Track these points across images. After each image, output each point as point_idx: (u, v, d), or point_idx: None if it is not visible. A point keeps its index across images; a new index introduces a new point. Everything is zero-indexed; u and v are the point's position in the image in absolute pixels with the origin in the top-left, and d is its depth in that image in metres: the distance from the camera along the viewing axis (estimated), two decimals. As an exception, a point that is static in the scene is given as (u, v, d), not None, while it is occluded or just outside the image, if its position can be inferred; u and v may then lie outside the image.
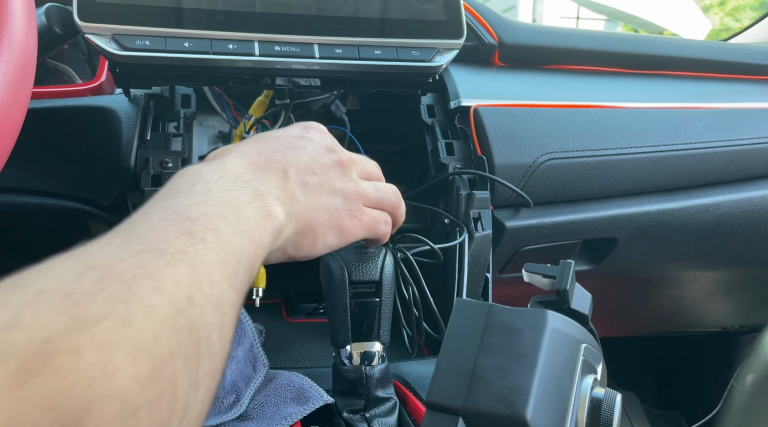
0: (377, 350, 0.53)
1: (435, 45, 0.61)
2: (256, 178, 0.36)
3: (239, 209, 0.32)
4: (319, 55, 0.57)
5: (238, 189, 0.34)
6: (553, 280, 0.39)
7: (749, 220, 0.89)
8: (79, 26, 0.53)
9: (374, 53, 0.59)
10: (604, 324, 1.06)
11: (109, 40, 0.54)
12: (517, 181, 0.72)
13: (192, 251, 0.27)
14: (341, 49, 0.58)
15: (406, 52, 0.60)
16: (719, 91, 0.95)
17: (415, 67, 0.61)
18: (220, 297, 0.27)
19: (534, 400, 0.29)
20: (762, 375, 1.14)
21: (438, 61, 0.61)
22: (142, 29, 0.54)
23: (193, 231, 0.28)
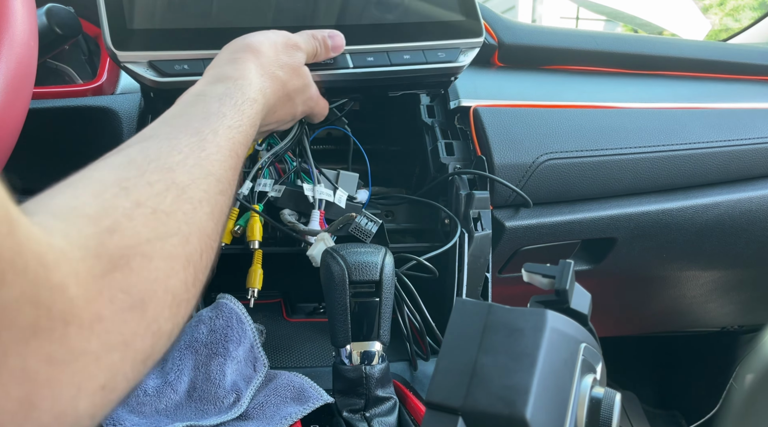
0: (377, 350, 0.53)
1: (457, 45, 0.63)
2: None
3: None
4: (353, 65, 0.58)
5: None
6: (552, 280, 0.39)
7: (748, 220, 0.89)
8: (116, 56, 0.52)
9: (404, 58, 0.60)
10: (603, 324, 1.06)
11: (146, 67, 0.53)
12: (516, 182, 0.72)
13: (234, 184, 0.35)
14: (372, 56, 0.59)
15: (433, 54, 0.61)
16: (718, 91, 0.95)
17: (442, 68, 0.62)
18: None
19: (533, 399, 0.29)
20: (761, 375, 1.14)
21: (462, 60, 0.63)
22: (179, 54, 0.54)
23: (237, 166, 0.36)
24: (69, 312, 0.20)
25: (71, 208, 0.25)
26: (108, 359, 0.21)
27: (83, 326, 0.20)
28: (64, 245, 0.22)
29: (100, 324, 0.21)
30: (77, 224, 0.24)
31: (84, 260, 0.22)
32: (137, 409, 0.50)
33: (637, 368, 1.47)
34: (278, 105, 0.50)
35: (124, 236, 0.24)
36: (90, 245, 0.23)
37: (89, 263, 0.22)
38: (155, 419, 0.50)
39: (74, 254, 0.22)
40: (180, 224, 0.27)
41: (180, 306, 0.26)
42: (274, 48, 0.50)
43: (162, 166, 0.29)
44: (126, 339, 0.22)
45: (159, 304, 0.24)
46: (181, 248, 0.27)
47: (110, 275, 0.22)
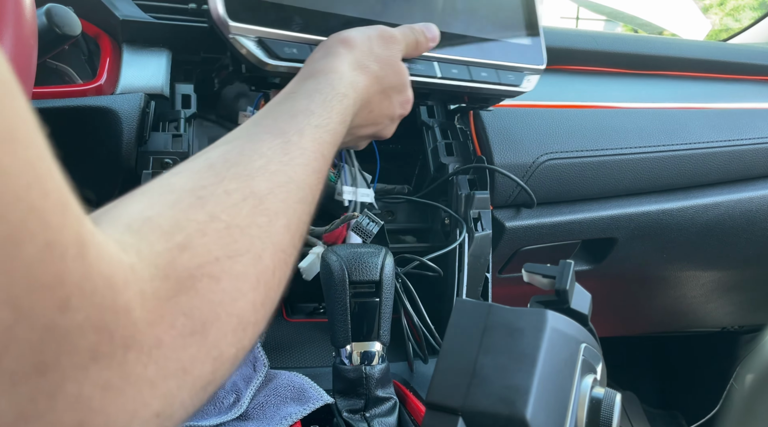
0: (377, 350, 0.53)
1: (523, 69, 0.62)
2: None
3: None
4: (440, 75, 0.57)
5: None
6: (552, 280, 0.39)
7: (749, 220, 0.89)
8: (227, 26, 0.47)
9: (481, 75, 0.59)
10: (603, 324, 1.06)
11: (256, 45, 0.49)
12: (516, 182, 0.72)
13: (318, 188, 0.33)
14: (457, 69, 0.58)
15: (505, 76, 0.61)
16: (719, 91, 0.95)
17: (507, 91, 0.62)
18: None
19: (534, 400, 0.29)
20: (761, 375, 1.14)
21: (524, 86, 0.63)
22: (290, 35, 0.50)
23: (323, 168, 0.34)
24: (131, 337, 0.19)
25: (145, 220, 0.24)
26: (164, 386, 0.20)
27: (142, 352, 0.19)
28: (136, 261, 0.21)
29: (159, 350, 0.20)
30: (149, 238, 0.23)
31: (152, 281, 0.21)
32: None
33: (637, 368, 1.47)
34: (374, 103, 0.47)
35: (195, 255, 0.23)
36: (160, 264, 0.22)
37: (156, 285, 0.21)
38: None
39: (143, 273, 0.21)
40: (253, 239, 0.26)
41: (246, 329, 0.25)
42: (367, 40, 0.47)
43: (241, 173, 0.28)
44: (185, 366, 0.21)
45: (222, 328, 0.23)
46: (252, 267, 0.25)
47: (175, 298, 0.21)
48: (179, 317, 0.21)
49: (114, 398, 0.18)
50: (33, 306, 0.15)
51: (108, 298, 0.18)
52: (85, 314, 0.17)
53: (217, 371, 0.23)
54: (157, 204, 0.25)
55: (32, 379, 0.16)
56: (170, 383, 0.21)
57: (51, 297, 0.16)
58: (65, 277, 0.16)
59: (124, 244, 0.22)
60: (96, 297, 0.18)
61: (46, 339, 0.16)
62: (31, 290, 0.15)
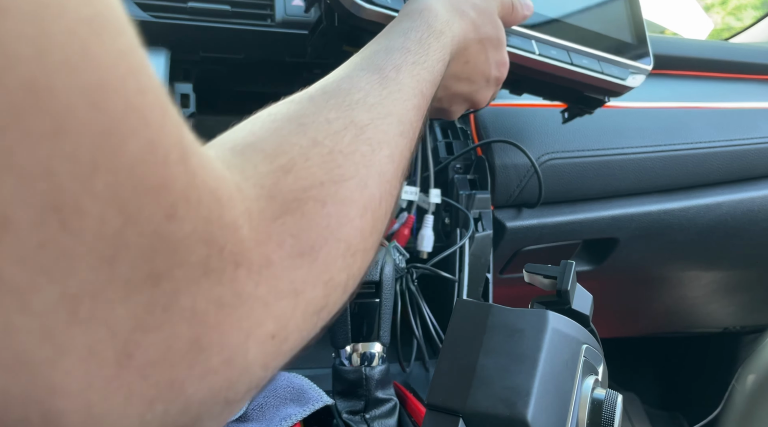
0: (377, 351, 0.53)
1: (628, 65, 0.61)
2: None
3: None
4: (538, 52, 0.55)
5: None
6: (553, 280, 0.38)
7: (750, 220, 0.89)
8: None
9: (582, 61, 0.58)
10: (605, 325, 1.06)
11: None
12: (517, 182, 0.72)
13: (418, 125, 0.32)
14: (556, 50, 0.57)
15: (608, 67, 0.59)
16: (721, 90, 0.95)
17: (611, 83, 0.60)
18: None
19: (535, 401, 0.29)
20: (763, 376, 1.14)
21: (630, 82, 0.61)
22: None
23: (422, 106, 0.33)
24: (240, 254, 0.19)
25: (248, 144, 0.24)
26: (277, 307, 0.20)
27: (252, 270, 0.19)
28: (240, 180, 0.21)
29: (269, 269, 0.20)
30: (254, 159, 0.23)
31: (257, 201, 0.21)
32: None
33: (638, 369, 1.46)
34: (470, 52, 0.45)
35: (299, 177, 0.23)
36: (265, 184, 0.22)
37: (262, 204, 0.21)
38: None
39: (249, 192, 0.21)
40: (358, 166, 0.25)
41: (355, 256, 0.24)
42: None
43: (341, 104, 0.28)
44: (296, 287, 0.21)
45: (331, 252, 0.23)
46: (358, 193, 0.25)
47: (281, 219, 0.21)
48: (287, 238, 0.21)
49: (227, 314, 0.18)
50: (140, 210, 0.15)
51: (215, 211, 0.18)
52: (192, 225, 0.17)
53: (329, 295, 0.23)
54: (259, 131, 0.25)
55: (146, 289, 0.15)
56: (283, 304, 0.20)
57: (157, 202, 0.16)
58: (170, 181, 0.16)
59: (228, 163, 0.21)
60: (202, 209, 0.17)
61: (157, 248, 0.16)
62: (136, 192, 0.15)
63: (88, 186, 0.14)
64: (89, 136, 0.14)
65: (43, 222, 0.13)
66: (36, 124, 0.13)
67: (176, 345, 0.16)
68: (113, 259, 0.15)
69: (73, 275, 0.14)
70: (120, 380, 0.15)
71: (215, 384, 0.18)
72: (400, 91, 0.31)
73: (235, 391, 0.19)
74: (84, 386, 0.14)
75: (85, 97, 0.14)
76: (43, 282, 0.13)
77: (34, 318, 0.13)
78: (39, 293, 0.13)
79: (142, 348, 0.15)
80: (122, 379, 0.15)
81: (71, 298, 0.14)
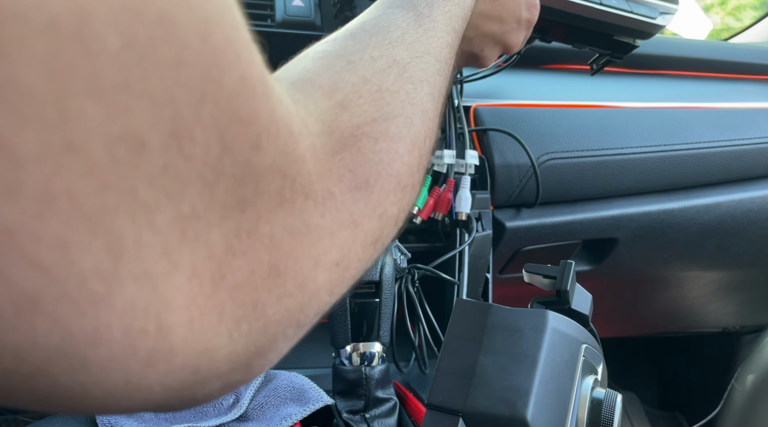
0: (377, 351, 0.53)
1: (656, 5, 0.61)
2: None
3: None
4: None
5: None
6: (553, 280, 0.39)
7: (750, 220, 0.89)
8: None
9: (611, 1, 0.58)
10: (604, 324, 1.06)
11: None
12: (517, 182, 0.72)
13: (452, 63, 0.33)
14: None
15: (636, 6, 0.59)
16: (720, 90, 0.95)
17: (641, 22, 0.60)
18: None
19: (534, 400, 0.29)
20: (763, 376, 1.14)
21: (659, 20, 0.61)
22: None
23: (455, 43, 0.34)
24: (307, 186, 0.20)
25: (306, 80, 0.25)
26: (340, 237, 0.21)
27: (318, 202, 0.20)
28: (305, 115, 0.22)
29: (332, 201, 0.21)
30: (313, 95, 0.24)
31: (319, 136, 0.22)
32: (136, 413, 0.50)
33: (638, 369, 1.46)
34: None
35: (354, 114, 0.24)
36: (325, 120, 0.23)
37: (323, 140, 0.22)
38: (154, 422, 0.49)
39: (312, 128, 0.22)
40: (404, 104, 0.26)
41: (405, 191, 0.25)
42: None
43: (382, 41, 0.28)
44: (355, 219, 0.22)
45: (384, 186, 0.24)
46: (405, 130, 0.26)
47: (340, 154, 0.22)
48: (345, 173, 0.22)
49: (299, 242, 0.19)
50: (234, 139, 0.16)
51: (289, 145, 0.19)
52: (272, 156, 0.18)
53: (383, 228, 0.24)
54: (312, 67, 0.26)
55: (236, 214, 0.17)
56: (345, 233, 0.22)
57: (247, 133, 0.17)
58: (257, 114, 0.17)
59: (293, 98, 0.22)
60: (280, 142, 0.18)
61: (245, 176, 0.17)
62: (232, 122, 0.16)
63: (198, 115, 0.15)
64: (200, 68, 0.15)
65: (167, 146, 0.14)
66: (164, 54, 0.14)
67: (258, 269, 0.17)
68: (213, 184, 0.16)
69: (184, 197, 0.15)
70: (215, 299, 0.16)
71: (290, 306, 0.19)
72: (435, 29, 0.32)
73: (305, 314, 0.20)
74: (189, 302, 0.15)
75: (197, 30, 0.15)
76: (164, 202, 0.14)
77: (157, 235, 0.14)
78: (162, 211, 0.14)
79: (232, 271, 0.17)
80: (216, 298, 0.16)
81: (183, 218, 0.15)
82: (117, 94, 0.13)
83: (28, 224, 0.12)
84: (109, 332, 0.14)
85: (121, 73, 0.13)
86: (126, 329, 0.14)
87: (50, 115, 0.12)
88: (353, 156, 0.23)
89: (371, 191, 0.23)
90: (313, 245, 0.20)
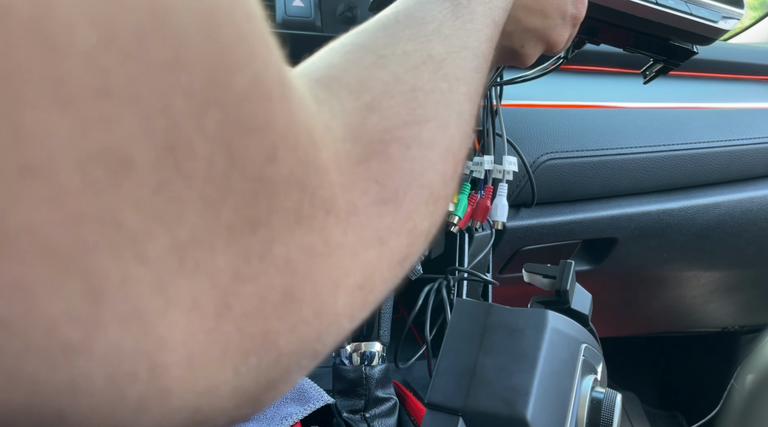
0: (377, 350, 0.53)
1: (719, 9, 0.56)
2: None
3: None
4: None
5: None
6: (553, 280, 0.39)
7: (749, 220, 0.89)
8: None
9: (668, 2, 0.53)
10: (604, 324, 1.06)
11: None
12: (517, 182, 0.72)
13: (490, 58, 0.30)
14: None
15: (696, 8, 0.55)
16: (719, 91, 0.95)
17: (702, 26, 0.55)
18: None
19: (534, 400, 0.29)
20: (762, 375, 1.14)
21: (722, 24, 0.56)
22: None
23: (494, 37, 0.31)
24: (329, 200, 0.18)
25: (332, 77, 0.22)
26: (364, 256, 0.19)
27: (340, 218, 0.18)
28: (329, 118, 0.20)
29: (355, 217, 0.19)
30: (339, 94, 0.21)
31: (344, 142, 0.19)
32: None
33: (637, 369, 1.46)
34: None
35: (383, 117, 0.21)
36: (351, 124, 0.20)
37: (348, 146, 0.20)
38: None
39: (337, 133, 0.19)
40: (438, 105, 0.24)
41: (437, 203, 0.23)
42: None
43: (416, 35, 0.26)
44: (381, 236, 0.20)
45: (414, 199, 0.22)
46: (440, 135, 0.23)
47: (366, 163, 0.20)
48: (372, 184, 0.20)
49: (318, 264, 0.17)
50: (245, 151, 0.14)
51: (310, 153, 0.17)
52: (289, 168, 0.16)
53: (412, 245, 0.22)
54: (339, 62, 0.23)
55: (246, 236, 0.15)
56: (369, 253, 0.19)
57: (260, 143, 0.15)
58: (272, 120, 0.15)
59: (317, 97, 0.20)
60: (299, 150, 0.16)
61: (257, 192, 0.15)
62: (242, 131, 0.14)
63: (200, 124, 0.13)
64: (202, 68, 0.13)
65: (159, 164, 0.12)
66: (157, 52, 0.12)
67: (270, 296, 0.16)
68: (219, 204, 0.14)
69: (182, 222, 0.13)
70: (218, 333, 0.15)
71: (306, 335, 0.17)
72: (473, 21, 0.29)
73: (323, 343, 0.18)
74: (187, 338, 0.14)
75: (200, 24, 0.13)
76: (156, 230, 0.13)
77: (148, 268, 0.13)
78: (153, 241, 0.13)
79: (240, 299, 0.15)
80: (220, 331, 0.15)
81: (180, 246, 0.13)
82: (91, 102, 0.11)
83: None
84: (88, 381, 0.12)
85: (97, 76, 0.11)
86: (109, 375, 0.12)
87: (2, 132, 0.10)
88: (381, 165, 0.20)
89: (400, 205, 0.21)
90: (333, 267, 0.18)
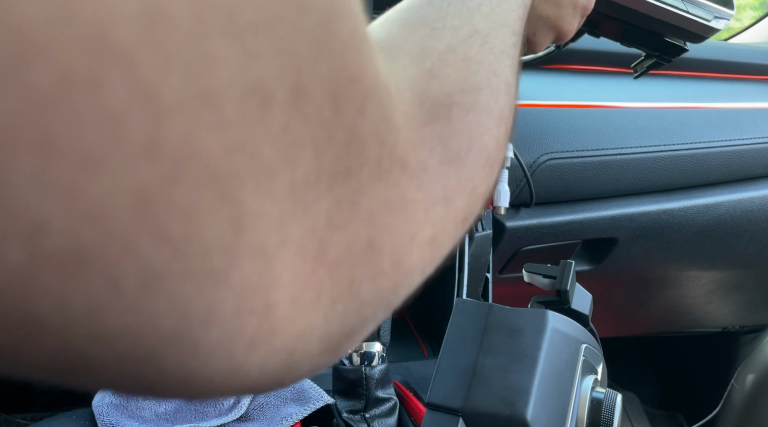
0: (377, 351, 0.53)
1: (711, 8, 0.60)
2: None
3: None
4: None
5: None
6: (553, 280, 0.39)
7: (750, 220, 0.89)
8: None
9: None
10: (604, 324, 1.06)
11: None
12: (517, 181, 0.72)
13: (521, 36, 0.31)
14: None
15: (692, 6, 0.58)
16: (720, 90, 0.95)
17: (695, 23, 0.59)
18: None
19: (534, 400, 0.29)
20: (762, 375, 1.14)
21: (714, 24, 0.60)
22: None
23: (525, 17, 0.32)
24: (404, 156, 0.18)
25: (394, 45, 0.23)
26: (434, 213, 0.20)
27: (413, 175, 0.19)
28: (398, 81, 0.20)
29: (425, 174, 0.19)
30: (403, 61, 0.22)
31: (411, 104, 0.20)
32: (136, 413, 0.50)
33: (638, 369, 1.46)
34: None
35: (443, 83, 0.22)
36: (416, 88, 0.21)
37: (414, 109, 0.20)
38: (155, 423, 0.49)
39: (404, 95, 0.20)
40: (489, 75, 0.25)
41: (493, 166, 0.24)
42: None
43: (461, 10, 0.27)
44: (447, 194, 0.21)
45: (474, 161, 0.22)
46: (493, 102, 0.24)
47: (431, 125, 0.21)
48: (436, 144, 0.21)
49: (396, 217, 0.18)
50: (344, 100, 0.15)
51: (389, 109, 0.17)
52: (374, 121, 0.16)
53: (472, 205, 0.23)
54: (399, 32, 0.24)
55: (340, 184, 0.15)
56: (438, 210, 0.20)
57: (356, 93, 0.15)
58: (365, 73, 0.15)
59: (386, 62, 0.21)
60: (382, 106, 0.17)
61: (351, 142, 0.15)
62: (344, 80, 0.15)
63: (315, 68, 0.13)
64: (319, 13, 0.13)
65: (289, 103, 0.13)
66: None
67: (356, 245, 0.16)
68: (324, 149, 0.14)
69: (299, 163, 0.13)
70: (315, 277, 0.15)
71: (384, 286, 0.18)
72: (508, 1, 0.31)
73: (397, 295, 0.19)
74: (293, 279, 0.14)
75: None
76: (281, 168, 0.13)
77: (274, 205, 0.13)
78: (279, 178, 0.13)
79: (332, 246, 0.15)
80: (316, 276, 0.15)
81: (296, 186, 0.13)
82: (250, 36, 0.11)
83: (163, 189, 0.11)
84: (222, 311, 0.13)
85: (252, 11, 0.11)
86: (237, 308, 0.13)
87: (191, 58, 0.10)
88: (444, 127, 0.21)
89: (463, 165, 0.22)
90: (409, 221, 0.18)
